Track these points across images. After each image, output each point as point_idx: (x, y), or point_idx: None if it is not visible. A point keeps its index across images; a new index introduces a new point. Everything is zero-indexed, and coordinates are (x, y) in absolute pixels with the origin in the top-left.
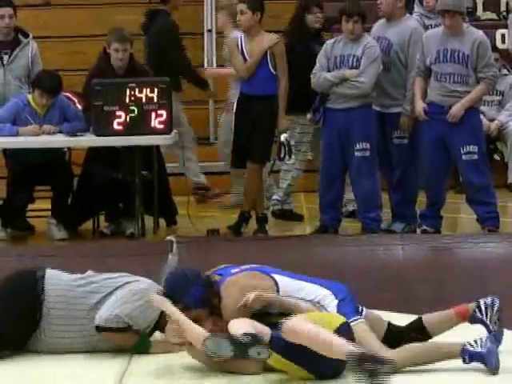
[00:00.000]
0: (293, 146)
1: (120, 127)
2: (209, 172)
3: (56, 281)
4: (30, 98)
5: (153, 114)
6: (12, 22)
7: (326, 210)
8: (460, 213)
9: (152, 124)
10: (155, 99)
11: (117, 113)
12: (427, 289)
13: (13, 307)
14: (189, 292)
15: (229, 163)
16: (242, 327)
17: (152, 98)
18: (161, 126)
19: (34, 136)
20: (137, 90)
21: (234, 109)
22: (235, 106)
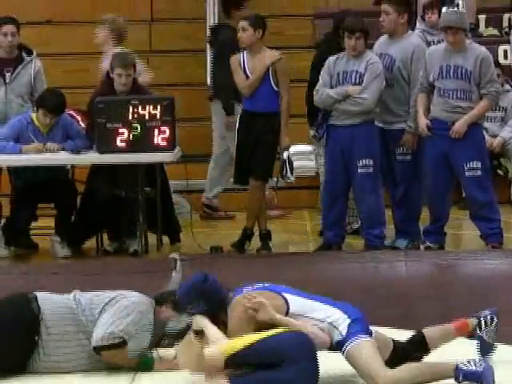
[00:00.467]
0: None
1: (123, 144)
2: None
3: (49, 301)
4: (34, 117)
5: (156, 131)
6: (15, 40)
7: (330, 228)
8: (463, 229)
9: (155, 141)
10: (158, 116)
11: (120, 130)
12: (430, 306)
13: (11, 329)
14: (200, 302)
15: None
16: None
17: (155, 115)
18: (164, 143)
19: (38, 154)
20: (140, 107)
21: (237, 126)
22: (237, 123)
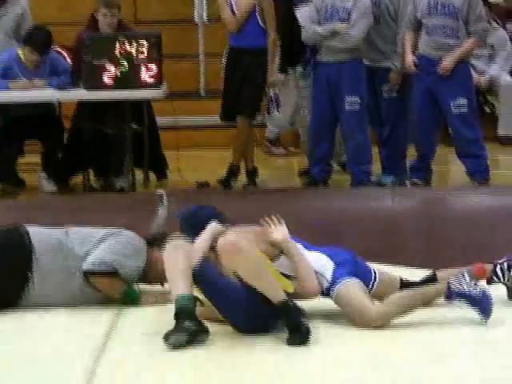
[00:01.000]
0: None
1: (110, 81)
2: (199, 126)
3: (40, 234)
4: (20, 53)
5: (143, 68)
6: None
7: (316, 164)
8: (450, 166)
9: (142, 78)
10: (145, 53)
11: (107, 67)
12: (417, 240)
13: (4, 263)
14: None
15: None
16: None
17: (142, 52)
18: (151, 80)
19: (25, 90)
20: (127, 44)
21: (224, 62)
22: (224, 60)
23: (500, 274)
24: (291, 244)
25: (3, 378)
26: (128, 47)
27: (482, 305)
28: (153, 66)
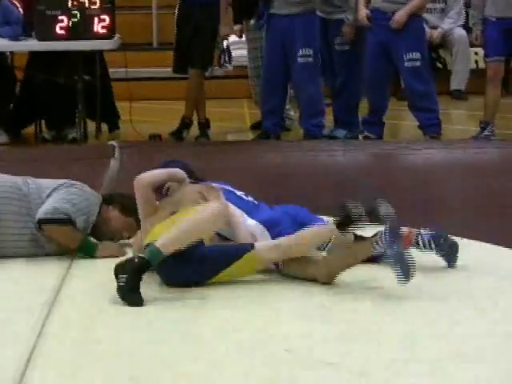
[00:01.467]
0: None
1: (62, 32)
2: (152, 78)
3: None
4: None
5: (95, 19)
6: None
7: (268, 117)
8: (402, 120)
9: (95, 29)
10: (98, 4)
11: (59, 17)
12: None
13: None
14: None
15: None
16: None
17: (95, 3)
18: (104, 31)
19: None
20: None
21: (176, 14)
22: (176, 12)
23: (421, 245)
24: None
25: None
26: None
27: (400, 266)
28: (105, 17)
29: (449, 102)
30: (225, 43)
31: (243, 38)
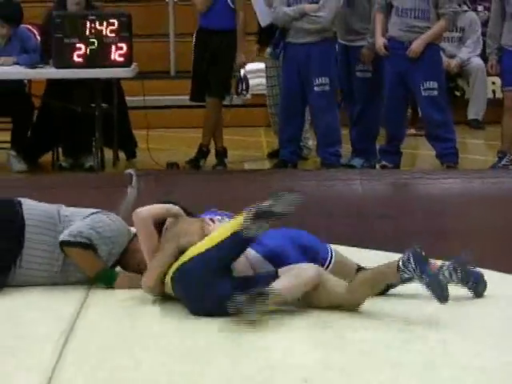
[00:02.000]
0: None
1: (80, 59)
2: (169, 106)
3: (34, 208)
4: None
5: (113, 47)
6: None
7: (286, 145)
8: (419, 149)
9: (112, 57)
10: (115, 32)
11: (77, 45)
12: (385, 224)
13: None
14: None
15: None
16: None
17: (112, 31)
18: (121, 59)
19: None
20: (97, 23)
21: (193, 42)
22: (193, 40)
23: (447, 276)
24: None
25: None
26: (98, 26)
27: (437, 287)
28: (123, 45)
29: (466, 132)
30: (242, 71)
31: (262, 66)
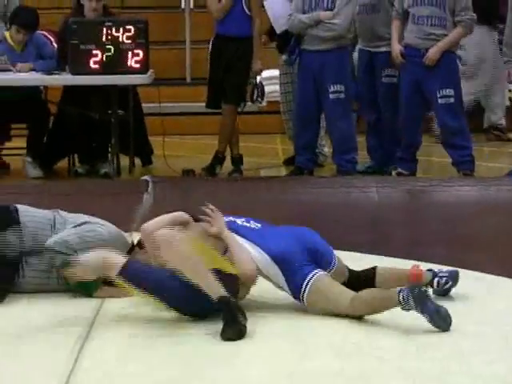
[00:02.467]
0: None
1: (96, 66)
2: (185, 113)
3: (30, 214)
4: (7, 35)
5: (129, 54)
6: None
7: (301, 152)
8: (435, 156)
9: (128, 63)
10: (132, 38)
11: (93, 52)
12: (401, 231)
13: None
14: None
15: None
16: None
17: (129, 38)
18: (137, 66)
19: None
20: (113, 29)
21: (209, 49)
22: (209, 47)
23: (435, 287)
24: (227, 233)
25: None
26: (115, 32)
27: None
28: (139, 52)
29: (482, 139)
30: (258, 78)
31: (276, 73)
